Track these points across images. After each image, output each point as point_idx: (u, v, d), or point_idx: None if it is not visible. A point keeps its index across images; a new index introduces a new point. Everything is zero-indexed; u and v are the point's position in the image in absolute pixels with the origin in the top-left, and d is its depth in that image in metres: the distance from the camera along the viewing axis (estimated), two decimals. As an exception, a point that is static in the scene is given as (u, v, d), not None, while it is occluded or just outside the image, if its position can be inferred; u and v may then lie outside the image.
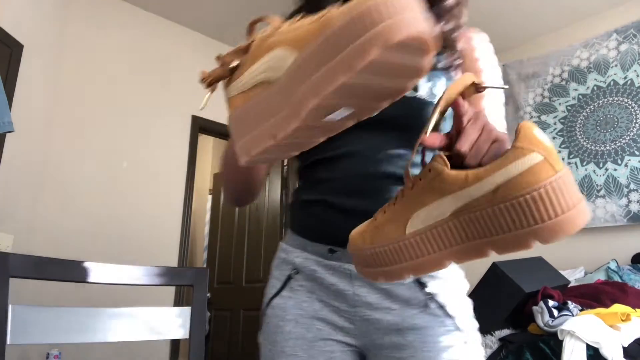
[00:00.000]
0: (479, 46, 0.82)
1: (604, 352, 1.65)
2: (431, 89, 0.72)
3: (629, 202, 2.75)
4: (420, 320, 0.71)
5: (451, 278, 0.75)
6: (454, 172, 0.46)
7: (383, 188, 0.71)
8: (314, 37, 0.40)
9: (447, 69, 0.76)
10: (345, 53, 0.37)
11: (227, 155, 0.76)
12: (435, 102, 0.67)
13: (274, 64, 0.45)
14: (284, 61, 0.44)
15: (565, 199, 0.41)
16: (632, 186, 2.75)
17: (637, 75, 2.87)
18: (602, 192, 2.86)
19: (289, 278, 0.78)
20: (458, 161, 0.47)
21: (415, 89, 0.70)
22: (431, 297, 0.71)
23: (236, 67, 0.51)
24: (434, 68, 0.73)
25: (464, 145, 0.47)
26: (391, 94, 0.46)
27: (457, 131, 0.49)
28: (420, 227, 0.48)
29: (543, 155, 0.42)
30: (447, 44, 0.76)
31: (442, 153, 0.48)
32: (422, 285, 0.72)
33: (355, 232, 0.56)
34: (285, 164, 3.95)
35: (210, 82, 0.55)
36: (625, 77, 2.92)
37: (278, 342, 0.75)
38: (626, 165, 2.80)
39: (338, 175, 0.74)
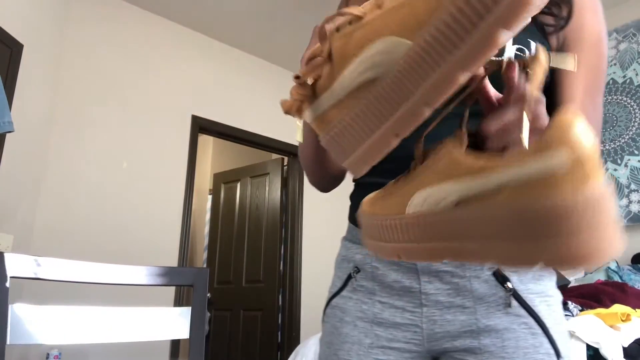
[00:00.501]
0: (586, 8, 0.65)
1: (604, 352, 1.65)
2: (521, 52, 0.60)
3: (630, 202, 2.75)
4: (498, 320, 0.60)
5: (543, 277, 0.64)
6: (462, 156, 0.37)
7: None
8: (437, 4, 0.33)
9: (543, 30, 0.64)
10: (497, 6, 0.30)
11: (308, 147, 0.70)
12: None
13: (379, 58, 0.38)
14: (393, 52, 0.36)
15: (592, 230, 0.30)
16: (633, 186, 2.75)
17: (637, 74, 2.87)
18: (602, 192, 2.86)
19: (349, 277, 0.71)
20: (484, 143, 0.40)
21: (499, 53, 0.61)
22: (513, 293, 0.61)
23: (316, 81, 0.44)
24: (528, 29, 0.63)
25: (491, 124, 0.39)
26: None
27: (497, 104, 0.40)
28: (420, 208, 0.41)
29: (576, 157, 0.29)
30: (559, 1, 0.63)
31: (464, 129, 0.39)
32: (503, 279, 0.61)
33: (368, 197, 0.49)
34: (285, 164, 3.95)
35: (298, 108, 0.46)
36: (624, 76, 2.92)
37: (333, 344, 0.69)
38: (626, 165, 2.80)
39: (395, 154, 0.65)
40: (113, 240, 2.74)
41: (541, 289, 0.62)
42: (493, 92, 0.41)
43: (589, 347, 1.68)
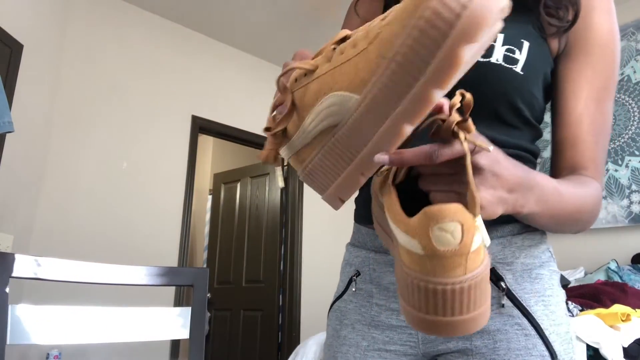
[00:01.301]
0: (596, 8, 0.62)
1: (604, 352, 1.65)
2: (510, 54, 0.60)
3: (631, 203, 2.75)
4: (491, 321, 0.58)
5: (538, 268, 0.61)
6: (392, 204, 0.40)
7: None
8: (376, 67, 0.36)
9: (544, 32, 0.62)
10: (432, 66, 0.33)
11: None
12: (518, 70, 0.57)
13: (334, 109, 0.41)
14: (345, 103, 0.40)
15: (468, 303, 0.34)
16: (634, 187, 2.75)
17: (634, 72, 2.87)
18: (604, 193, 2.86)
19: (350, 281, 0.72)
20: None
21: (488, 54, 0.59)
22: (506, 293, 0.58)
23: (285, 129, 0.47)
24: (526, 30, 0.61)
25: (423, 184, 0.41)
26: (468, 66, 0.39)
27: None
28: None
29: (431, 253, 0.33)
30: (562, 2, 0.62)
31: (391, 181, 0.43)
32: (497, 278, 0.59)
33: None
34: (285, 164, 3.94)
35: (274, 157, 0.49)
36: (621, 74, 2.92)
37: (333, 346, 0.70)
38: (627, 166, 2.80)
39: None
40: (113, 241, 2.74)
41: (538, 289, 0.60)
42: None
43: (589, 347, 1.68)
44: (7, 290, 0.82)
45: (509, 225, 0.61)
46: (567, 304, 2.00)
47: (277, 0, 3.03)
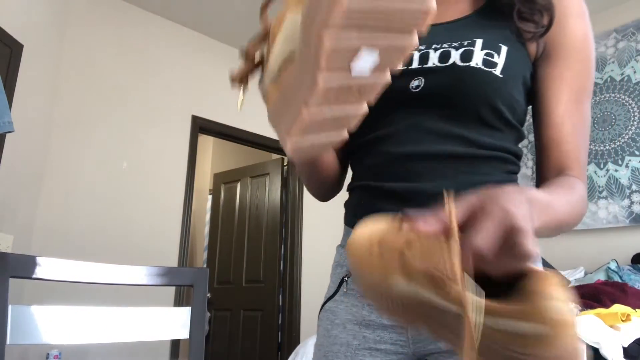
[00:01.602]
0: (573, 15, 0.65)
1: (604, 352, 1.65)
2: (489, 58, 0.61)
3: (632, 203, 2.75)
4: None
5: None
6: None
7: (428, 168, 0.62)
8: None
9: (521, 37, 0.64)
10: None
11: (300, 166, 0.73)
12: (496, 73, 0.58)
13: (289, 33, 0.41)
14: (295, 26, 0.40)
15: None
16: (634, 187, 2.75)
17: (635, 72, 2.87)
18: (604, 193, 2.86)
19: (342, 282, 0.72)
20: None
21: (468, 58, 0.61)
22: None
23: (262, 61, 0.47)
24: (504, 35, 0.64)
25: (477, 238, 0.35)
26: (412, 22, 0.39)
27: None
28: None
29: (557, 334, 0.32)
30: (536, 5, 0.63)
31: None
32: None
33: None
34: (285, 164, 3.95)
35: (240, 79, 0.50)
36: (622, 74, 2.92)
37: (324, 346, 0.70)
38: (627, 166, 2.80)
39: (379, 160, 0.65)
40: (113, 240, 2.74)
41: None
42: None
43: (588, 347, 1.68)
44: (7, 290, 0.82)
45: None
46: (567, 304, 2.00)
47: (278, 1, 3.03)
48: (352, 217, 0.71)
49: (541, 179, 0.67)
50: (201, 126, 3.32)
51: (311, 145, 0.45)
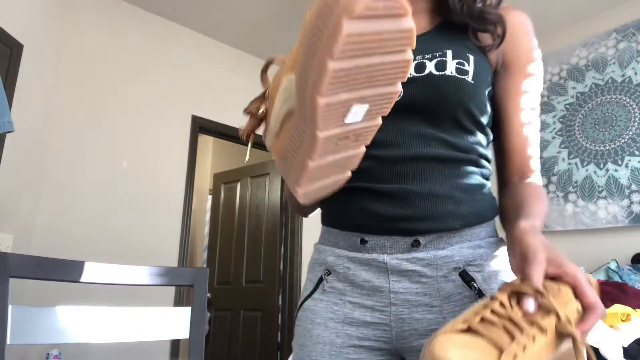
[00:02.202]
0: (523, 32, 0.74)
1: (603, 352, 1.65)
2: (461, 66, 0.67)
3: (631, 203, 2.75)
4: None
5: (498, 265, 0.67)
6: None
7: (416, 170, 0.67)
8: (299, 47, 0.42)
9: (482, 48, 0.71)
10: (322, 40, 0.38)
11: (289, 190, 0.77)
12: (469, 79, 0.67)
13: (288, 93, 0.46)
14: (292, 86, 0.45)
15: None
16: (634, 187, 2.75)
17: (635, 73, 2.87)
18: (604, 193, 2.86)
19: (320, 279, 0.73)
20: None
21: (442, 68, 0.67)
22: (478, 291, 0.63)
23: (265, 117, 0.52)
24: (468, 46, 0.71)
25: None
26: (393, 74, 0.44)
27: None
28: None
29: None
30: (487, 20, 0.71)
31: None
32: (468, 278, 0.64)
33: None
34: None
35: (247, 135, 0.56)
36: (623, 75, 2.92)
37: (306, 345, 0.71)
38: (627, 166, 2.80)
39: (369, 163, 0.68)
40: (113, 240, 2.74)
41: (499, 283, 0.65)
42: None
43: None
44: (7, 290, 0.82)
45: (477, 230, 0.68)
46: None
47: (278, 1, 3.03)
48: (338, 217, 0.73)
49: (504, 182, 0.75)
50: (201, 126, 3.32)
51: (319, 188, 0.49)
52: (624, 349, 1.69)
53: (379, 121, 0.48)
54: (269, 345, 3.58)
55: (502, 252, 0.68)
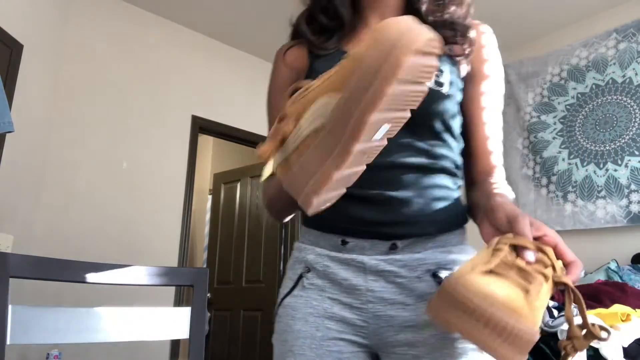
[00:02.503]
0: (489, 44, 0.82)
1: (603, 352, 1.65)
2: (437, 78, 0.72)
3: (630, 202, 2.74)
4: None
5: None
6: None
7: (395, 177, 0.72)
8: (350, 73, 0.50)
9: (453, 57, 0.77)
10: (383, 68, 0.47)
11: (274, 193, 0.81)
12: (447, 95, 0.75)
13: (321, 111, 0.53)
14: (328, 105, 0.53)
15: None
16: (633, 187, 2.75)
17: (636, 74, 2.86)
18: (603, 193, 2.86)
19: (300, 277, 0.76)
20: None
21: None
22: None
23: (284, 138, 0.59)
24: (441, 58, 0.75)
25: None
26: (414, 100, 0.53)
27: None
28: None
29: None
30: (457, 31, 0.77)
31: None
32: (440, 280, 0.69)
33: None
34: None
35: (267, 156, 0.60)
36: (623, 76, 2.92)
37: (288, 341, 0.73)
38: (626, 166, 2.80)
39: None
40: (113, 241, 2.74)
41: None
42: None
43: (588, 347, 1.68)
44: (8, 290, 0.82)
45: (450, 236, 0.74)
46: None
47: (279, 1, 3.03)
48: (320, 219, 0.74)
49: (471, 182, 0.81)
50: (201, 126, 3.32)
51: (324, 200, 0.56)
52: (624, 349, 1.69)
53: (386, 142, 0.55)
54: (269, 345, 3.56)
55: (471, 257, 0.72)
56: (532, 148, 3.26)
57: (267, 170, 0.60)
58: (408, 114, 0.54)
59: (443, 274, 0.70)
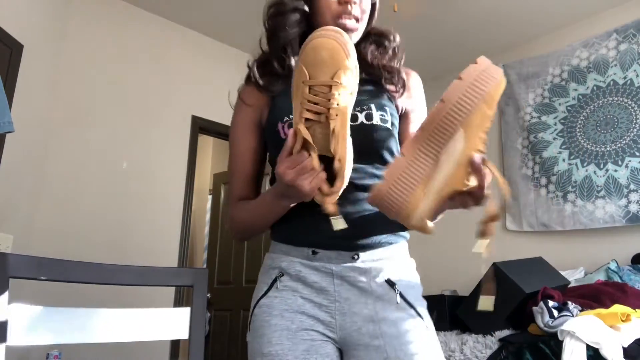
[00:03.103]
0: (415, 86, 1.03)
1: (604, 352, 1.65)
2: (382, 116, 0.91)
3: (629, 202, 2.74)
4: (392, 313, 0.85)
5: (410, 273, 0.93)
6: None
7: (355, 197, 0.88)
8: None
9: (391, 97, 0.98)
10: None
11: (265, 210, 0.91)
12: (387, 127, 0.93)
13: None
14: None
15: None
16: (632, 187, 2.75)
17: (637, 75, 2.86)
18: (602, 193, 2.86)
19: (274, 280, 0.88)
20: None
21: (370, 118, 0.90)
22: (400, 293, 0.87)
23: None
24: (384, 98, 0.96)
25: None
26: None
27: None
28: None
29: None
30: (393, 75, 0.97)
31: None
32: (392, 284, 0.88)
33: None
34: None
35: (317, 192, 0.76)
36: (624, 77, 2.92)
37: (265, 334, 0.84)
38: (626, 166, 2.80)
39: None
40: (113, 241, 2.74)
41: (415, 292, 0.91)
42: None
43: (589, 347, 1.68)
44: (7, 290, 0.82)
45: (398, 248, 0.92)
46: (567, 304, 2.01)
47: (277, 0, 3.03)
48: (292, 234, 0.90)
49: None
50: (201, 126, 3.32)
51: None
52: (624, 349, 1.69)
53: None
54: (269, 345, 3.57)
55: (412, 266, 0.94)
56: (532, 148, 3.26)
57: (335, 220, 0.74)
58: None
59: (394, 279, 0.88)
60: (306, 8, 0.97)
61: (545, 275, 2.28)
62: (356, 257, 0.86)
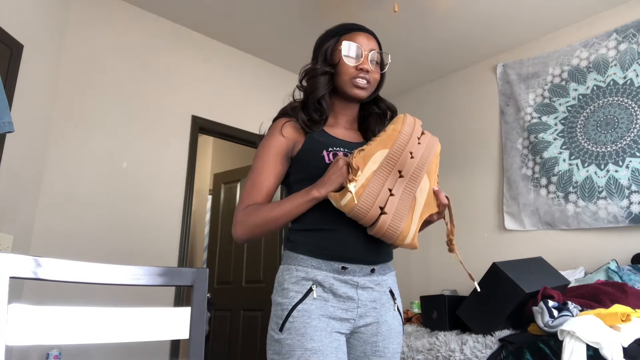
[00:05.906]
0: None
1: (604, 352, 1.65)
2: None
3: (630, 203, 2.74)
4: (389, 317, 1.17)
5: (396, 283, 1.25)
6: None
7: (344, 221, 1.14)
8: (393, 138, 1.08)
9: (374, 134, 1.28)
10: (414, 136, 1.09)
11: (291, 206, 1.22)
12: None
13: (378, 158, 1.06)
14: (382, 155, 1.06)
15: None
16: (634, 187, 2.75)
17: (637, 75, 2.86)
18: (604, 194, 2.85)
19: (310, 290, 1.10)
20: None
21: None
22: (396, 302, 1.20)
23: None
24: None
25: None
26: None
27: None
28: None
29: None
30: (380, 126, 1.29)
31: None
32: (392, 294, 1.20)
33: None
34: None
35: (345, 184, 1.06)
36: (624, 77, 2.91)
37: (307, 333, 1.06)
38: (627, 167, 2.80)
39: (340, 211, 1.10)
40: (113, 241, 2.74)
41: (398, 294, 1.24)
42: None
43: (589, 347, 1.68)
44: (7, 290, 0.82)
45: (390, 264, 1.23)
46: (567, 303, 2.00)
47: (278, 0, 3.03)
48: (323, 249, 1.14)
49: None
50: (201, 126, 3.32)
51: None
52: (624, 349, 1.69)
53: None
54: (269, 345, 3.57)
55: (395, 280, 1.25)
56: (532, 148, 3.26)
57: (345, 200, 1.02)
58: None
59: (393, 289, 1.21)
60: (332, 71, 1.24)
61: (545, 275, 2.27)
62: (373, 270, 1.14)
